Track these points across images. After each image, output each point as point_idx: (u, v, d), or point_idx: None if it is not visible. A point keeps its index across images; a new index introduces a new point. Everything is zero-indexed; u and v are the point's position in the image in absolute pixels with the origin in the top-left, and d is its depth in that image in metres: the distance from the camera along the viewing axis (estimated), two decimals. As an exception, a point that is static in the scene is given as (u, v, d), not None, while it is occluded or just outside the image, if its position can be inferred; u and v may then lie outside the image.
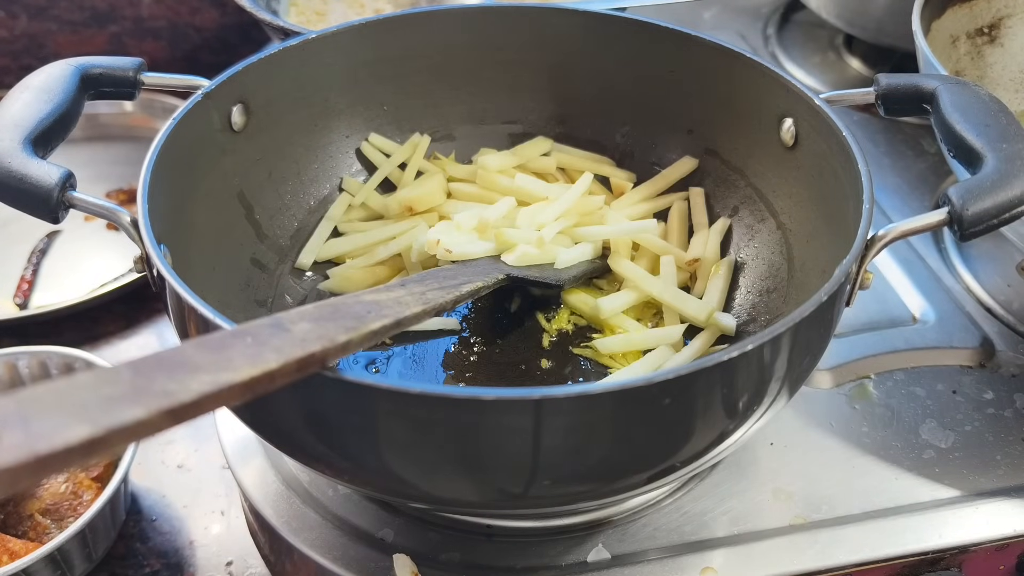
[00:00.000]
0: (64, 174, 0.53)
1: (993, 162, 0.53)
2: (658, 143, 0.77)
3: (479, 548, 0.59)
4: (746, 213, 0.71)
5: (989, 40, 0.92)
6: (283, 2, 1.04)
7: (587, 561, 0.59)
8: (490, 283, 0.62)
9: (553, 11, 0.75)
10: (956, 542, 0.61)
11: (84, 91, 0.61)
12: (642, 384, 0.43)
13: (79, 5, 1.16)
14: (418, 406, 0.43)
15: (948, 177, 0.93)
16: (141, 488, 0.75)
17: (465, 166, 0.78)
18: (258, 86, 0.68)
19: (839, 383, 0.71)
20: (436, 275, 0.59)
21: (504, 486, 0.48)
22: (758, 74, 0.67)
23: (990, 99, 0.58)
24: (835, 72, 1.14)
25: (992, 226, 0.52)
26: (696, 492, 0.63)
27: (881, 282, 0.80)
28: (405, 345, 0.66)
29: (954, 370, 0.73)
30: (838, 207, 0.59)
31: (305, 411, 0.47)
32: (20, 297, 0.90)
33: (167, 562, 0.70)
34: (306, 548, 0.59)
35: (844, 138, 0.58)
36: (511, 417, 0.43)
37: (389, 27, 0.73)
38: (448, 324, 0.67)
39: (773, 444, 0.66)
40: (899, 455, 0.66)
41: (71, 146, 0.62)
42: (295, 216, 0.73)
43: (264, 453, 0.64)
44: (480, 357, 0.66)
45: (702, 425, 0.48)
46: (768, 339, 0.45)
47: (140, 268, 0.55)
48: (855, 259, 0.51)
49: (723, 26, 1.22)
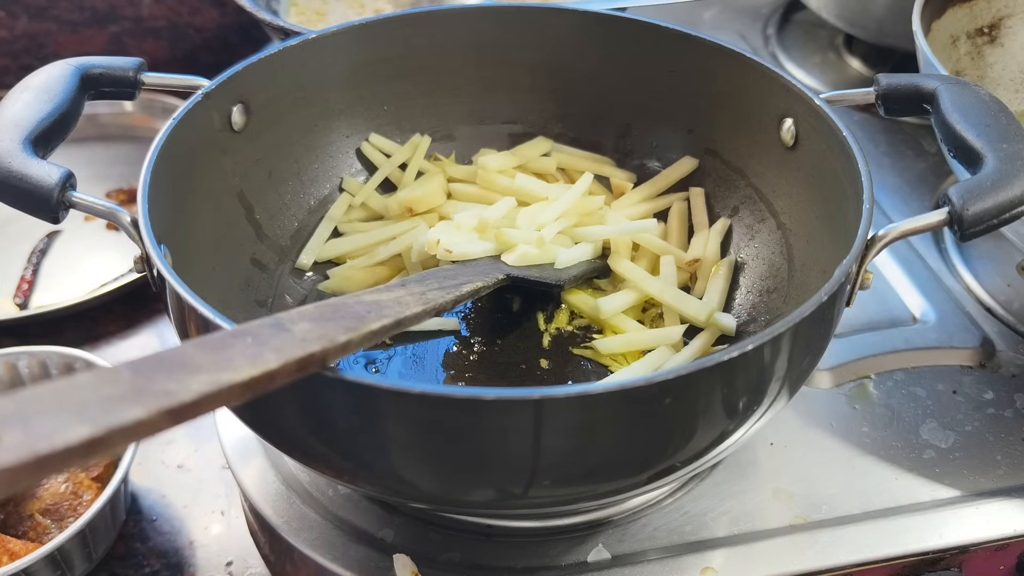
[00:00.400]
0: (64, 174, 0.53)
1: (993, 162, 0.53)
2: (658, 143, 0.77)
3: (479, 548, 0.59)
4: (746, 213, 0.71)
5: (989, 40, 0.92)
6: (283, 2, 1.04)
7: (587, 561, 0.59)
8: (490, 283, 0.62)
9: (553, 11, 0.75)
10: (956, 542, 0.61)
11: (84, 91, 0.61)
12: (642, 384, 0.43)
13: (79, 5, 1.16)
14: (418, 406, 0.43)
15: (948, 177, 0.93)
16: (141, 488, 0.75)
17: (465, 167, 0.78)
18: (258, 86, 0.68)
19: (839, 383, 0.71)
20: (436, 275, 0.60)
21: (504, 486, 0.48)
22: (758, 74, 0.67)
23: (990, 99, 0.58)
24: (835, 72, 1.14)
25: (992, 226, 0.52)
26: (696, 492, 0.63)
27: (881, 282, 0.80)
28: (406, 345, 0.66)
29: (954, 370, 0.73)
30: (838, 207, 0.59)
31: (305, 411, 0.47)
32: (20, 297, 0.90)
33: (167, 562, 0.70)
34: (306, 548, 0.59)
35: (844, 138, 0.58)
36: (511, 417, 0.43)
37: (389, 27, 0.73)
38: (448, 324, 0.67)
39: (773, 444, 0.66)
40: (899, 455, 0.66)
41: (71, 146, 0.62)
42: (295, 216, 0.73)
43: (264, 453, 0.64)
44: (480, 357, 0.66)
45: (702, 425, 0.48)
46: (768, 339, 0.45)
47: (140, 268, 0.55)
48: (855, 259, 0.51)
49: (723, 26, 1.22)
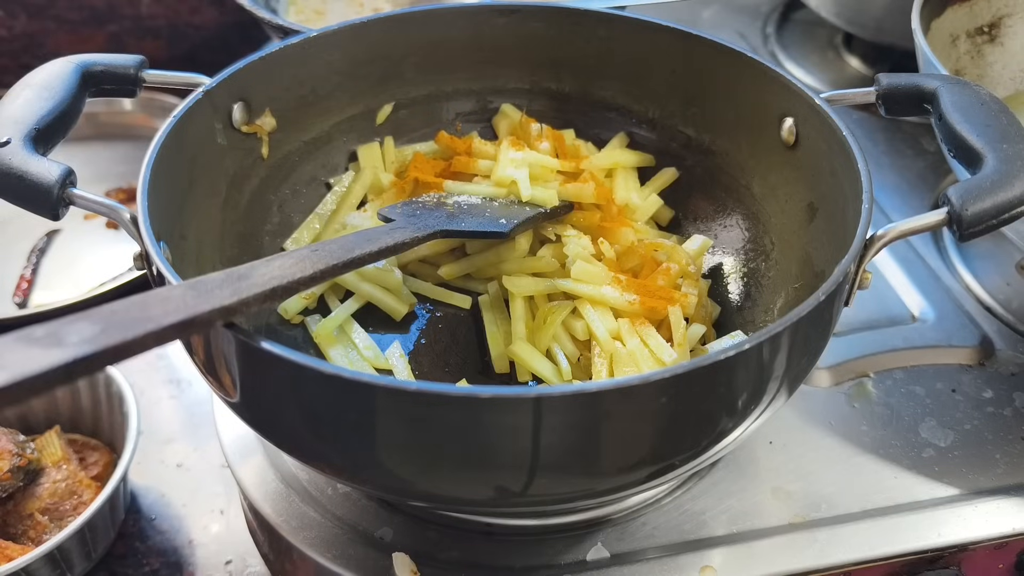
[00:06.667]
0: (64, 171, 0.53)
1: (993, 162, 0.53)
2: (658, 143, 0.77)
3: (478, 547, 0.59)
4: (746, 212, 0.71)
5: (989, 39, 0.92)
6: (282, 1, 1.04)
7: (586, 560, 0.59)
8: (421, 236, 0.61)
9: (553, 10, 0.75)
10: (955, 540, 0.61)
11: (85, 88, 0.61)
12: (639, 383, 0.43)
13: (78, 4, 1.16)
14: (415, 403, 0.43)
15: (948, 176, 0.93)
16: (140, 487, 0.75)
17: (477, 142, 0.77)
18: (258, 84, 0.68)
19: (838, 382, 0.71)
20: (360, 235, 0.59)
21: (502, 484, 0.48)
22: (759, 73, 0.67)
23: (991, 99, 0.58)
24: (834, 71, 1.14)
25: (992, 226, 0.52)
26: (695, 491, 0.63)
27: (880, 281, 0.80)
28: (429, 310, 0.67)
29: (953, 369, 0.73)
30: (838, 206, 0.59)
31: (303, 409, 0.47)
32: (19, 296, 0.90)
33: (166, 561, 0.70)
34: (305, 547, 0.59)
35: (844, 138, 0.58)
36: (509, 415, 0.43)
37: (388, 25, 0.73)
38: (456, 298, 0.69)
39: (772, 443, 0.66)
40: (898, 454, 0.66)
41: (71, 145, 0.62)
42: (294, 214, 0.73)
43: (263, 452, 0.64)
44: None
45: (700, 424, 0.48)
46: (766, 338, 0.45)
47: (140, 265, 0.55)
48: (854, 259, 0.51)
49: (723, 25, 1.22)
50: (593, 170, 0.73)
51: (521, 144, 0.74)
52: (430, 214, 0.66)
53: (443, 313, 0.69)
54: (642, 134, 0.77)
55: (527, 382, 0.64)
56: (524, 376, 0.64)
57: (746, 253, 0.71)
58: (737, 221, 0.72)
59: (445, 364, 0.66)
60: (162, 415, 0.80)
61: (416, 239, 0.61)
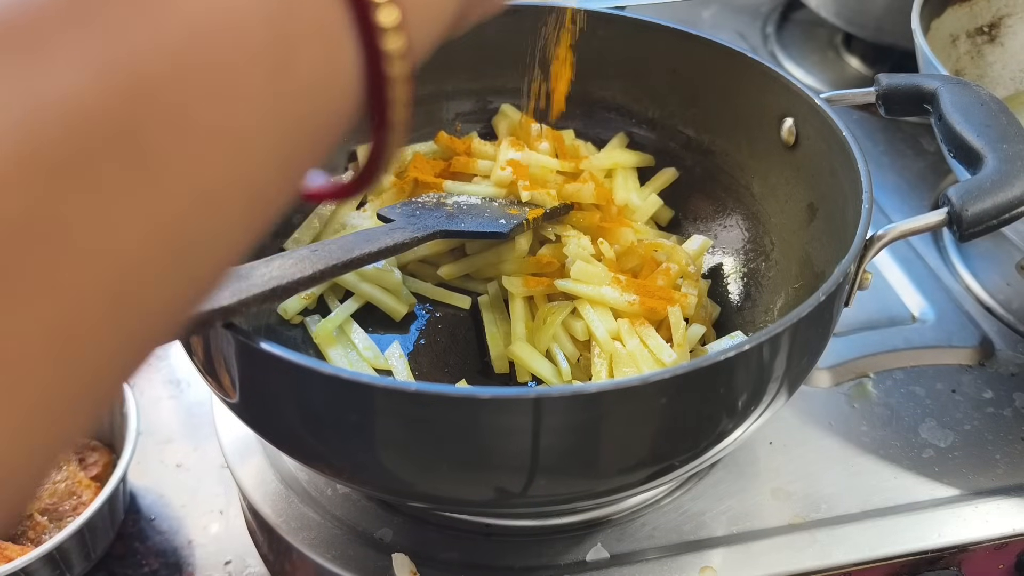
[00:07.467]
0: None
1: (993, 162, 0.53)
2: (657, 143, 0.77)
3: (478, 547, 0.59)
4: (746, 212, 0.71)
5: (989, 39, 0.92)
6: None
7: (586, 560, 0.59)
8: (420, 236, 0.61)
9: (552, 10, 0.75)
10: (955, 541, 0.61)
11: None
12: (639, 383, 0.43)
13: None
14: (415, 404, 0.43)
15: (948, 176, 0.93)
16: (140, 487, 0.75)
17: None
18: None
19: (838, 382, 0.71)
20: (360, 235, 0.59)
21: (501, 485, 0.48)
22: (759, 73, 0.67)
23: (990, 99, 0.58)
24: (834, 71, 1.14)
25: (992, 227, 0.52)
26: (695, 491, 0.63)
27: (880, 281, 0.80)
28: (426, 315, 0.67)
29: (953, 369, 0.73)
30: (838, 206, 0.59)
31: (302, 409, 0.47)
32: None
33: (165, 561, 0.70)
34: (305, 548, 0.59)
35: (844, 138, 0.58)
36: (508, 416, 0.43)
37: (388, 26, 0.73)
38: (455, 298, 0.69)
39: (772, 443, 0.66)
40: (898, 454, 0.66)
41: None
42: (295, 215, 0.73)
43: (263, 452, 0.64)
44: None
45: (700, 424, 0.48)
46: (766, 339, 0.45)
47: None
48: (854, 259, 0.51)
49: (722, 25, 1.22)
50: (593, 170, 0.73)
51: (521, 144, 0.74)
52: (430, 214, 0.66)
53: (443, 313, 0.69)
54: (642, 134, 0.77)
55: (527, 383, 0.64)
56: (524, 377, 0.64)
57: (746, 253, 0.71)
58: (737, 221, 0.72)
59: (445, 364, 0.66)
60: (161, 415, 0.80)
61: (416, 239, 0.61)
